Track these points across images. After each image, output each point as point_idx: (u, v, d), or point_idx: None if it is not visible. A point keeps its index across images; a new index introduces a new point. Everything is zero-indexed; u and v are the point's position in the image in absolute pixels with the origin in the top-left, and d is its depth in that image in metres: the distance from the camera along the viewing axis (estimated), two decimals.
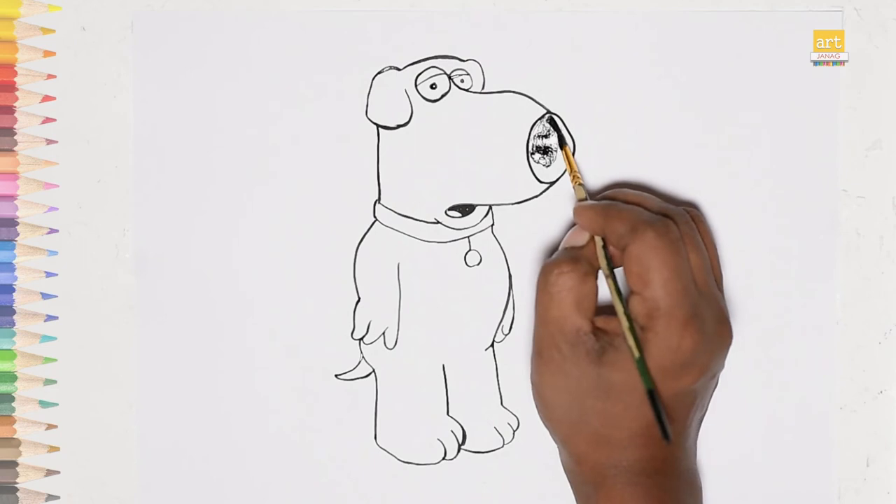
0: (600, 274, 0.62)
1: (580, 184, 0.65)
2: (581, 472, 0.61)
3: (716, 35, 0.66)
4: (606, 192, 0.65)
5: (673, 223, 0.61)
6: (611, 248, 0.62)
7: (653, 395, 0.58)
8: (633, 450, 0.60)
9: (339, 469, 0.67)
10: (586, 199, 0.64)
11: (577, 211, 0.63)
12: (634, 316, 0.59)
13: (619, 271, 0.62)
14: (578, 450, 0.61)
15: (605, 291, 0.62)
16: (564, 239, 0.64)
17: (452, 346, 0.67)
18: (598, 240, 0.62)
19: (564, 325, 0.60)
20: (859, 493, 0.67)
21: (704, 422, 0.65)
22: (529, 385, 0.65)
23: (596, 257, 0.62)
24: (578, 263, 0.61)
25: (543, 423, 0.63)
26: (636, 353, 0.58)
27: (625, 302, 0.60)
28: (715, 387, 0.64)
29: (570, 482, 0.63)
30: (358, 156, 0.67)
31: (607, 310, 0.61)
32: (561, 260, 0.61)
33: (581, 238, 0.63)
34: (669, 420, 0.59)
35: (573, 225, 0.64)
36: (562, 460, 0.63)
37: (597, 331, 0.60)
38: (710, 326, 0.60)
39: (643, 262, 0.59)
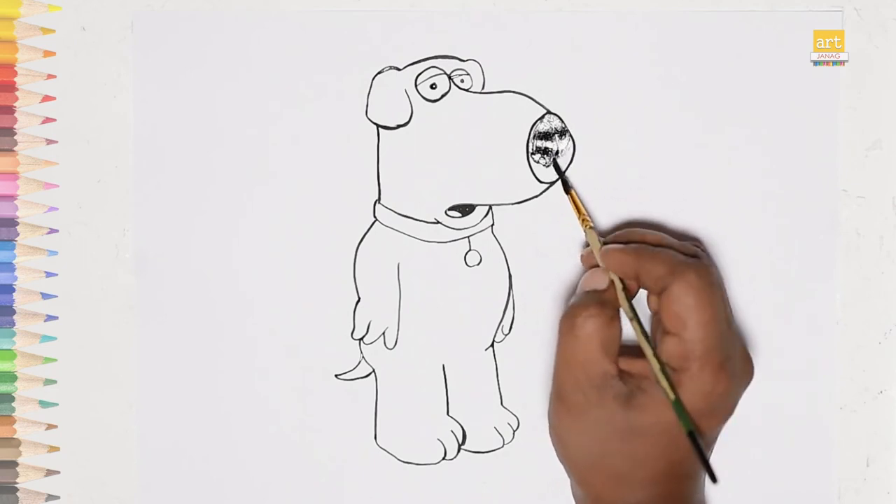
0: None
1: (591, 227, 0.64)
2: None
3: (716, 35, 0.66)
4: (620, 234, 0.64)
5: (708, 265, 0.60)
6: (637, 290, 0.61)
7: (694, 437, 0.57)
8: (652, 487, 0.59)
9: (339, 469, 0.67)
10: (601, 243, 0.63)
11: (605, 255, 0.62)
12: (668, 358, 0.59)
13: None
14: (596, 489, 0.60)
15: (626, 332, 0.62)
16: (581, 282, 0.63)
17: (452, 346, 0.67)
18: (618, 282, 0.61)
19: (591, 370, 0.60)
20: (859, 493, 0.67)
21: (698, 462, 0.64)
22: (530, 384, 0.65)
23: (617, 300, 0.61)
24: (605, 307, 0.60)
25: (562, 462, 0.62)
26: (672, 396, 0.58)
27: (653, 344, 0.60)
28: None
29: None
30: (358, 156, 0.67)
31: (626, 351, 0.61)
32: (588, 303, 0.60)
33: (602, 281, 0.62)
34: (692, 458, 0.59)
35: (582, 265, 0.64)
36: (574, 497, 0.63)
37: (622, 374, 0.60)
38: (738, 366, 0.60)
39: (683, 304, 0.59)
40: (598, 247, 0.63)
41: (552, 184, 0.66)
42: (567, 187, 0.66)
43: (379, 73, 0.67)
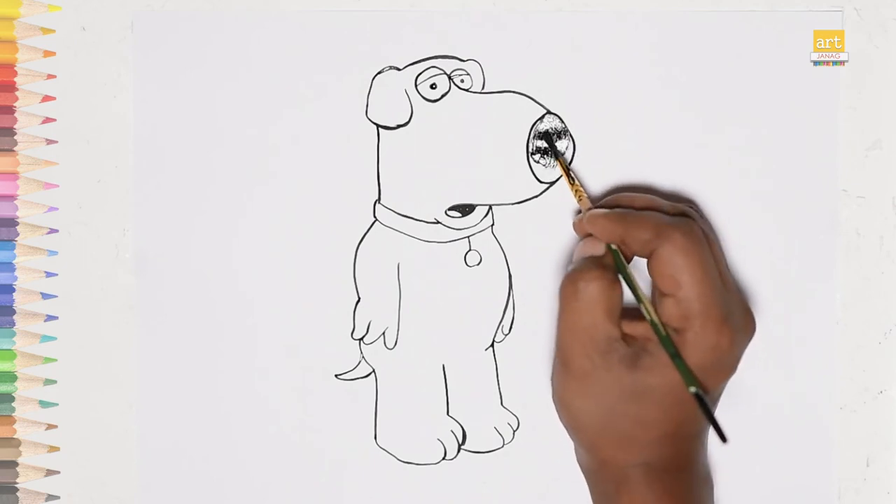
0: None
1: (583, 195, 0.64)
2: (604, 472, 0.61)
3: (716, 35, 0.66)
4: (608, 199, 0.64)
5: (693, 222, 0.61)
6: (631, 255, 0.61)
7: (701, 398, 0.57)
8: (659, 448, 0.60)
9: (339, 469, 0.67)
10: (591, 208, 0.64)
11: (590, 220, 0.62)
12: (668, 319, 0.59)
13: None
14: (604, 453, 0.60)
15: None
16: (577, 249, 0.63)
17: (452, 346, 0.67)
18: (615, 249, 0.61)
19: (596, 334, 0.59)
20: (859, 493, 0.67)
21: (703, 422, 0.64)
22: (530, 384, 0.65)
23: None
24: (606, 270, 0.60)
25: (567, 429, 0.62)
26: (678, 357, 0.58)
27: (654, 307, 0.60)
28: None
29: (588, 481, 0.62)
30: (358, 156, 0.67)
31: (628, 314, 0.61)
32: (588, 268, 0.60)
33: (598, 248, 0.61)
34: (698, 418, 0.59)
35: (576, 234, 0.64)
36: (580, 462, 0.63)
37: (625, 336, 0.60)
38: (739, 320, 0.60)
39: (674, 264, 0.59)
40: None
41: (552, 184, 0.66)
42: (557, 154, 0.65)
43: (379, 73, 0.67)
